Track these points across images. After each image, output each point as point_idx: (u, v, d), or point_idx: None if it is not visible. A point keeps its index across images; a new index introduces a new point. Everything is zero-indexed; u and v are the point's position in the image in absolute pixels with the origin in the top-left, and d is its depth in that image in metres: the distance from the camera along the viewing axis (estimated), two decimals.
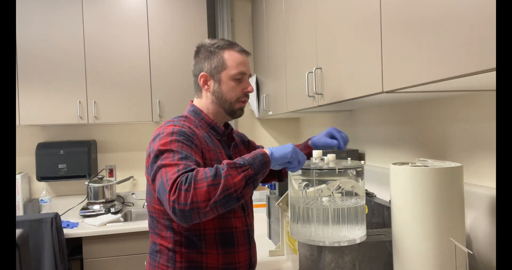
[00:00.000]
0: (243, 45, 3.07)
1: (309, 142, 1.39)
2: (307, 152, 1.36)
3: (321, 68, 1.50)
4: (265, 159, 0.99)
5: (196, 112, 1.22)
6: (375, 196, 1.68)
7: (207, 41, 1.23)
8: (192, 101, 1.27)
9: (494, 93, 1.09)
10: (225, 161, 0.97)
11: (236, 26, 3.10)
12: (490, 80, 0.82)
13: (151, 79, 2.64)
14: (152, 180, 1.01)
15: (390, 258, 1.12)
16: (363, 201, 1.08)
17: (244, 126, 3.13)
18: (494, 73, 0.70)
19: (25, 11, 2.47)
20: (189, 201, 0.88)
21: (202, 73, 1.20)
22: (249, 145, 1.42)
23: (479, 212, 1.09)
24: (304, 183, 1.09)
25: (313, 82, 1.55)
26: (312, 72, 1.56)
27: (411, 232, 0.98)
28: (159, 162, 0.99)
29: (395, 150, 1.65)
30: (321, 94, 1.51)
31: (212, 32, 3.02)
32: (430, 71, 0.83)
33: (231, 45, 1.21)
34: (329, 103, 1.44)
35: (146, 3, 2.63)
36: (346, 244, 1.03)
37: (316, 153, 1.15)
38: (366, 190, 1.74)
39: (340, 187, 1.06)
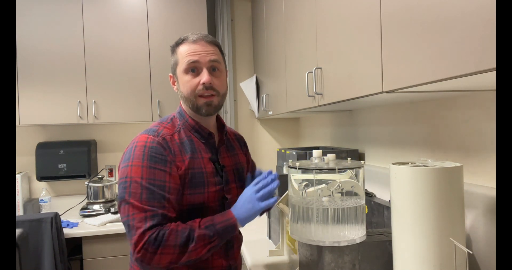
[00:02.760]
0: (244, 45, 3.08)
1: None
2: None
3: (321, 68, 1.50)
4: (233, 231, 1.04)
5: (182, 114, 1.17)
6: (375, 196, 1.68)
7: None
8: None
9: (494, 93, 1.09)
10: (196, 231, 0.99)
11: (236, 26, 3.10)
12: (490, 80, 0.82)
13: (151, 79, 2.64)
14: (118, 203, 1.03)
15: (390, 258, 1.12)
16: (363, 201, 1.08)
17: (244, 126, 3.13)
18: (494, 73, 0.70)
19: (25, 11, 2.47)
20: (153, 263, 0.95)
21: (169, 74, 1.18)
22: (247, 152, 1.36)
23: (479, 212, 1.09)
24: (304, 183, 1.09)
25: (313, 82, 1.55)
26: (312, 72, 1.56)
27: (411, 232, 0.98)
28: (126, 196, 0.99)
29: (395, 150, 1.65)
30: (321, 94, 1.51)
31: (212, 32, 3.02)
32: (430, 71, 0.83)
33: (185, 38, 1.12)
34: (329, 103, 1.44)
35: (146, 3, 2.63)
36: (346, 244, 1.03)
37: (316, 153, 1.14)
38: (366, 190, 1.74)
39: (340, 187, 1.06)
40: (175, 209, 1.04)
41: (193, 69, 1.09)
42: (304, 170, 1.07)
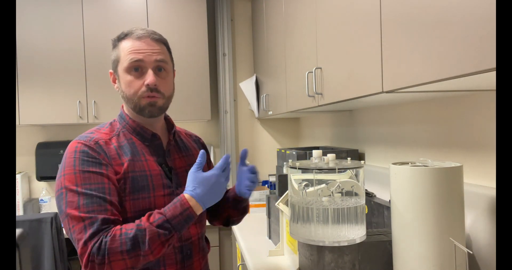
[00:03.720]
0: (244, 45, 3.07)
1: (235, 192, 1.18)
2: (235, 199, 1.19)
3: (321, 68, 1.50)
4: (192, 219, 0.94)
5: (122, 116, 1.08)
6: (375, 196, 1.68)
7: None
8: None
9: (494, 93, 1.09)
10: (147, 232, 0.88)
11: (236, 26, 3.10)
12: (490, 80, 0.82)
13: None
14: (60, 216, 0.94)
15: (390, 258, 1.12)
16: (363, 201, 1.08)
17: (244, 126, 3.13)
18: (494, 73, 0.70)
19: (25, 11, 2.47)
20: None
21: (110, 71, 1.08)
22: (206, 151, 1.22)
23: (479, 212, 1.09)
24: (304, 183, 1.09)
25: (313, 82, 1.55)
26: (312, 72, 1.56)
27: (411, 232, 0.98)
28: (63, 208, 0.91)
29: (395, 150, 1.65)
30: (321, 94, 1.51)
31: (212, 32, 3.02)
32: (430, 71, 0.83)
33: (129, 33, 1.04)
34: (329, 103, 1.44)
35: (146, 3, 2.63)
36: (346, 244, 1.03)
37: (316, 153, 1.14)
38: (366, 190, 1.74)
39: (339, 187, 1.06)
40: (120, 213, 0.95)
41: (137, 68, 1.00)
42: (304, 170, 1.07)
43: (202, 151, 1.02)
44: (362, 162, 1.11)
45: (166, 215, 0.92)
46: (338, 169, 1.04)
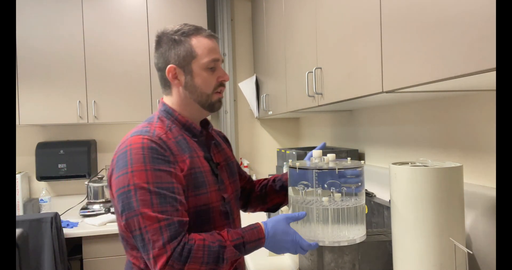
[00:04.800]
0: (244, 45, 3.08)
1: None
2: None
3: (321, 68, 1.50)
4: (260, 246, 0.99)
5: (168, 112, 1.08)
6: (375, 196, 1.68)
7: (169, 28, 1.07)
8: (163, 99, 1.12)
9: (494, 93, 1.09)
10: (227, 250, 0.92)
11: (236, 26, 3.10)
12: (490, 80, 0.82)
13: (151, 79, 2.64)
14: (121, 217, 0.93)
15: (390, 258, 1.12)
16: (363, 201, 1.08)
17: (244, 126, 3.13)
18: (494, 73, 0.70)
19: (25, 11, 2.47)
20: None
21: (169, 66, 1.04)
22: (230, 146, 1.30)
23: (479, 212, 1.09)
24: (304, 183, 1.08)
25: (313, 82, 1.55)
26: (312, 72, 1.56)
27: (411, 232, 0.98)
28: (134, 204, 0.89)
29: (395, 150, 1.65)
30: (321, 94, 1.51)
31: (212, 32, 3.02)
32: (430, 71, 0.83)
33: (197, 30, 1.06)
34: (329, 103, 1.44)
35: (146, 3, 2.63)
36: (346, 244, 1.03)
37: (315, 152, 1.14)
38: (366, 190, 1.74)
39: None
40: (187, 211, 0.97)
41: (214, 66, 1.06)
42: (304, 170, 1.07)
43: (304, 213, 1.05)
44: (362, 162, 1.10)
45: (244, 237, 0.96)
46: (338, 169, 1.04)
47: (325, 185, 1.04)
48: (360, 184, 1.06)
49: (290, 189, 1.13)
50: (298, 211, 1.08)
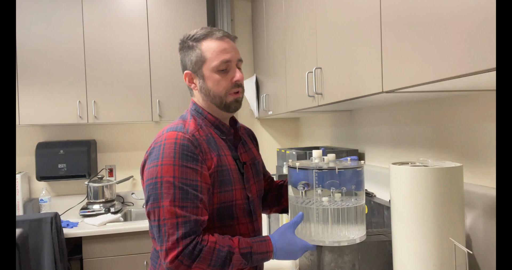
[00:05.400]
0: (243, 44, 3.08)
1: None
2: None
3: (321, 68, 1.50)
4: (268, 259, 1.02)
5: (198, 110, 1.13)
6: (375, 196, 1.68)
7: (188, 33, 1.12)
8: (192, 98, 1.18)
9: (494, 93, 1.09)
10: (235, 257, 0.96)
11: (236, 26, 3.10)
12: (490, 80, 0.82)
13: (151, 79, 2.64)
14: (146, 206, 0.99)
15: (390, 258, 1.12)
16: (363, 201, 1.08)
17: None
18: (494, 73, 0.70)
19: (25, 11, 2.47)
20: None
21: (185, 72, 1.12)
22: (257, 145, 1.34)
23: (479, 212, 1.09)
24: (304, 183, 1.08)
25: (313, 82, 1.55)
26: (312, 72, 1.56)
27: (411, 232, 0.98)
28: (159, 198, 0.95)
29: (395, 150, 1.65)
30: (321, 94, 1.51)
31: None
32: (430, 71, 0.83)
33: (209, 34, 1.08)
34: (329, 103, 1.44)
35: (146, 3, 2.63)
36: (346, 244, 1.03)
37: (316, 152, 1.14)
38: (366, 190, 1.74)
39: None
40: (207, 210, 1.01)
41: (225, 68, 1.07)
42: (304, 170, 1.07)
43: (300, 213, 1.07)
44: (362, 162, 1.10)
45: (252, 248, 0.99)
46: (338, 169, 1.04)
47: (325, 185, 1.04)
48: (359, 184, 1.06)
49: (290, 189, 1.13)
50: (298, 210, 1.08)
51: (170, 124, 1.08)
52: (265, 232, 2.04)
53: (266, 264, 1.55)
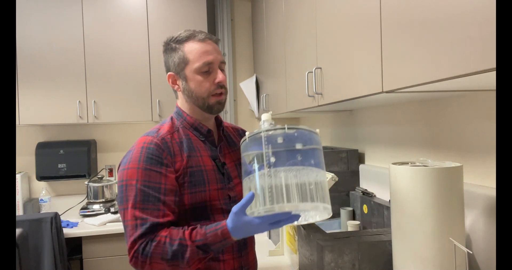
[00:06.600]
0: (244, 45, 3.08)
1: None
2: None
3: (321, 68, 1.50)
4: (228, 244, 0.96)
5: (179, 113, 1.16)
6: (375, 196, 1.68)
7: (171, 35, 1.13)
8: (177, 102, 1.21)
9: (494, 93, 1.09)
10: (188, 249, 0.94)
11: (236, 26, 3.10)
12: (490, 80, 0.82)
13: (151, 79, 2.64)
14: (118, 204, 1.04)
15: (390, 258, 1.12)
16: (323, 177, 0.88)
17: (244, 126, 3.13)
18: (494, 73, 0.70)
19: (25, 11, 2.47)
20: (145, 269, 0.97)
21: (169, 73, 1.13)
22: None
23: (479, 212, 1.09)
24: (254, 155, 0.92)
25: (313, 82, 1.55)
26: (312, 72, 1.56)
27: (411, 232, 0.98)
28: (123, 200, 1.00)
29: (395, 150, 1.65)
30: (321, 94, 1.51)
31: (212, 32, 3.02)
32: (430, 71, 0.83)
33: (191, 36, 1.10)
34: (329, 103, 1.44)
35: (146, 3, 2.63)
36: (304, 220, 0.93)
37: (265, 116, 1.01)
38: (366, 190, 1.74)
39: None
40: (173, 211, 1.02)
41: (208, 69, 1.08)
42: (254, 136, 0.92)
43: (251, 193, 0.91)
44: (318, 130, 0.95)
45: (207, 240, 0.96)
46: (288, 128, 0.94)
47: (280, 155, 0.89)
48: (314, 153, 0.91)
49: (242, 161, 0.97)
50: (250, 183, 0.93)
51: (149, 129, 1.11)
52: (264, 235, 2.05)
53: (266, 264, 1.55)
